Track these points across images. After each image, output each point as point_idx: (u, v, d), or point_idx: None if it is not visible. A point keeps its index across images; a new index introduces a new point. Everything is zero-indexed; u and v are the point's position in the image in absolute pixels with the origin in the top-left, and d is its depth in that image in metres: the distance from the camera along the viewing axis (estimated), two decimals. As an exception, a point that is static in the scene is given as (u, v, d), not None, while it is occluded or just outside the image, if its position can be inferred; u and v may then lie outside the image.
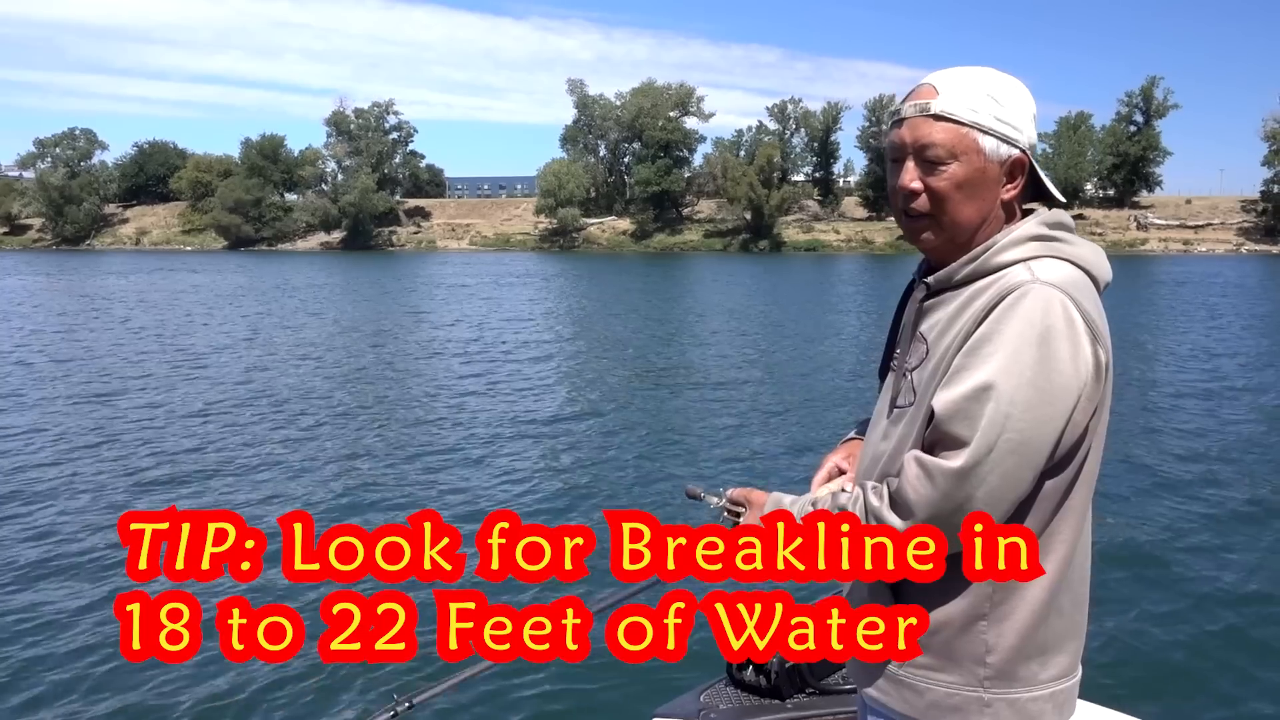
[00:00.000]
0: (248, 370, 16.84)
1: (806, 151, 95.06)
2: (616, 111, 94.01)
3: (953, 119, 1.61)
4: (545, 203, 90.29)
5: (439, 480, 9.46)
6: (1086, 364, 1.54)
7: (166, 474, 9.72)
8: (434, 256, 79.96)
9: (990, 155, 1.62)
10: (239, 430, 11.79)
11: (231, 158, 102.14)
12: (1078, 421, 1.56)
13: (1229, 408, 13.38)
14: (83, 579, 6.78)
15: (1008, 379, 1.50)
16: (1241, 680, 5.27)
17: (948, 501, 1.54)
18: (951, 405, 1.54)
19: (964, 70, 1.68)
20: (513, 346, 20.45)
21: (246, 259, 73.93)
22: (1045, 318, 1.52)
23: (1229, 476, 9.53)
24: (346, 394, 14.55)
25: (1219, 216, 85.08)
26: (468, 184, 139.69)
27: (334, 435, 11.56)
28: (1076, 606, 1.70)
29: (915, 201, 1.66)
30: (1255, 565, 6.98)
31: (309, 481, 9.43)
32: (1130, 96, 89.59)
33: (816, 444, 10.93)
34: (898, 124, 1.68)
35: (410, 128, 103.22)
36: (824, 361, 18.15)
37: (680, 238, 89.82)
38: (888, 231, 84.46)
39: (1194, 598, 6.36)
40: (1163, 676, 5.28)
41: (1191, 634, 5.80)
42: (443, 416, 12.71)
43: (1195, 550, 7.28)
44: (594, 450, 10.83)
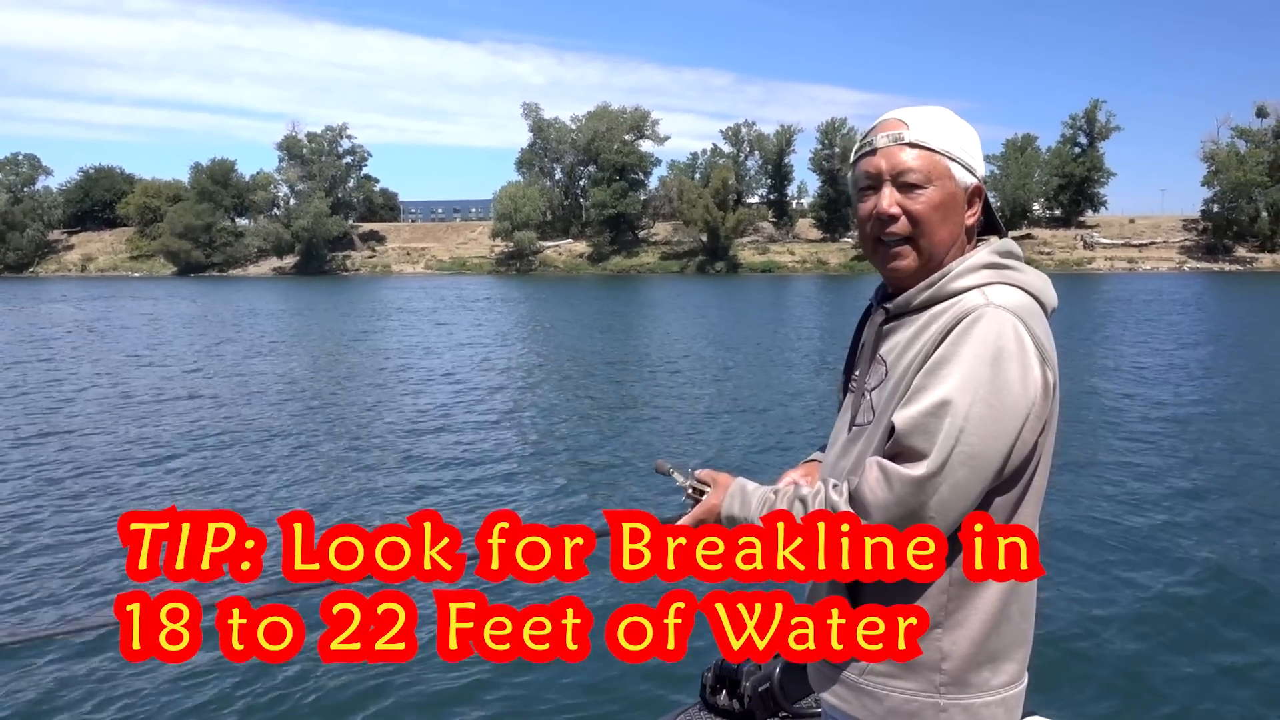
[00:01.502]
0: (221, 391, 16.72)
1: (761, 174, 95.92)
2: (572, 135, 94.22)
3: (927, 146, 1.71)
4: (501, 226, 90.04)
5: (397, 491, 9.45)
6: (1035, 384, 1.61)
7: (162, 478, 9.70)
8: (389, 281, 79.37)
9: (959, 181, 1.73)
10: (234, 438, 11.65)
11: (181, 182, 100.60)
12: (1026, 439, 1.63)
13: (1176, 418, 13.68)
14: (83, 579, 6.82)
15: (963, 396, 1.57)
16: (1182, 684, 5.38)
17: (901, 507, 1.59)
18: (911, 421, 1.61)
19: (923, 108, 1.78)
20: (474, 370, 20.42)
21: (198, 285, 73.01)
22: (998, 339, 1.59)
23: (1173, 484, 9.77)
24: (320, 412, 14.39)
25: (1162, 235, 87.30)
26: (422, 207, 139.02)
27: (312, 450, 11.45)
28: (1024, 615, 1.75)
29: (894, 225, 1.72)
30: (1198, 570, 7.14)
31: (302, 487, 9.49)
32: (1074, 119, 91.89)
33: (778, 462, 11.02)
34: (870, 154, 1.76)
35: (364, 151, 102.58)
36: (785, 379, 18.27)
37: (637, 260, 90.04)
38: (842, 252, 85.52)
39: (1135, 603, 6.50)
40: (1104, 683, 5.37)
41: (1128, 639, 5.92)
42: (409, 434, 12.63)
43: (1138, 555, 7.45)
44: (560, 468, 10.83)
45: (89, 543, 7.69)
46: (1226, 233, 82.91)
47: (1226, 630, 6.16)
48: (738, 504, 1.81)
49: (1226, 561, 7.39)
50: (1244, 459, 11.17)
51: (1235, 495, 9.45)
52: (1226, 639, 6.03)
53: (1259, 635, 6.06)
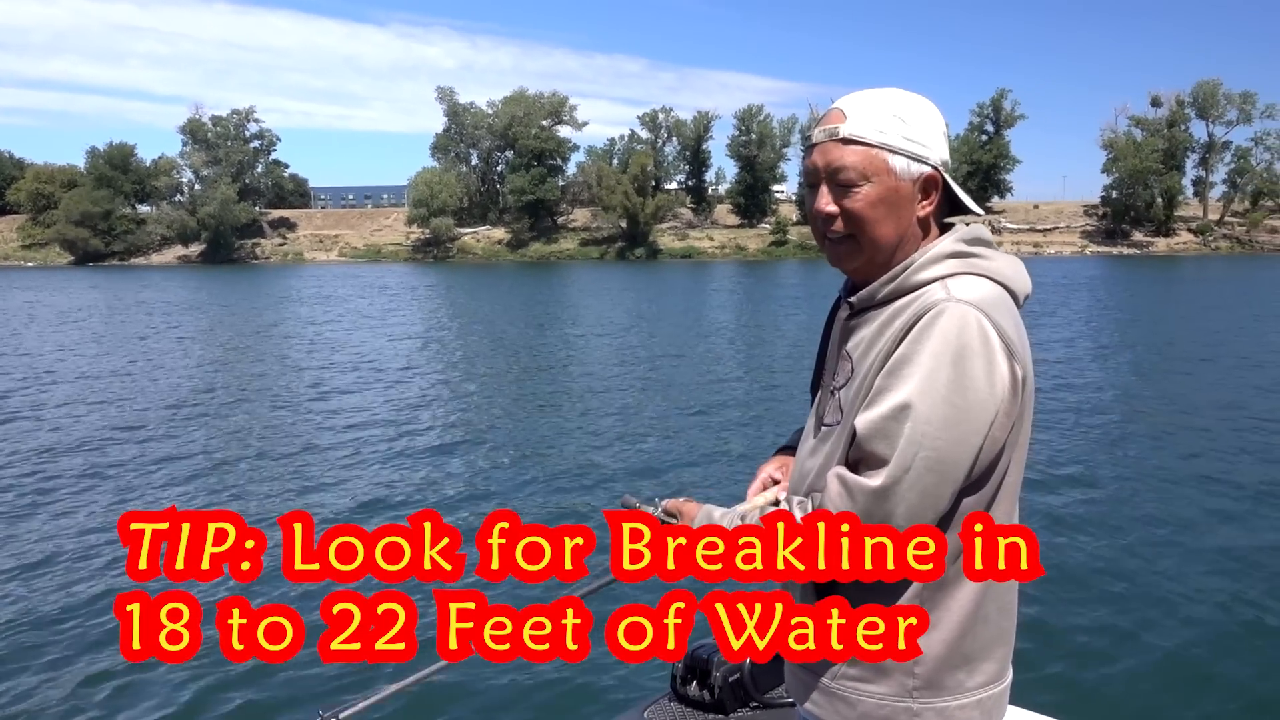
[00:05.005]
0: (197, 378, 16.03)
1: (679, 160, 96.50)
2: (489, 120, 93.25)
3: (861, 141, 1.64)
4: (417, 212, 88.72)
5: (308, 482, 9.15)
6: (1003, 381, 1.55)
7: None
8: (303, 269, 77.41)
9: (901, 174, 1.64)
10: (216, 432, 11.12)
11: (76, 167, 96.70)
12: (996, 437, 1.57)
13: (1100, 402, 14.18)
14: (83, 579, 6.73)
15: (924, 399, 1.52)
16: (1172, 683, 5.39)
17: (867, 519, 1.55)
18: (871, 425, 1.56)
19: (871, 93, 1.69)
20: (391, 362, 20.07)
21: (98, 274, 70.23)
22: (960, 336, 1.53)
23: (1128, 473, 10.09)
24: (254, 404, 13.92)
25: (1064, 221, 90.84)
26: (332, 194, 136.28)
27: (240, 440, 11.06)
28: (1003, 614, 1.72)
29: (834, 225, 1.67)
30: (1174, 564, 7.14)
31: (246, 485, 9.04)
32: (981, 107, 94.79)
33: (719, 447, 11.07)
34: (810, 150, 1.70)
35: (273, 136, 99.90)
36: (716, 364, 18.39)
37: (556, 246, 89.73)
38: (760, 238, 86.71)
39: (1118, 602, 6.45)
40: (1094, 681, 5.40)
41: (1120, 639, 5.91)
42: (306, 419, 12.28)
43: (1112, 553, 7.43)
44: (504, 465, 10.66)
45: (89, 542, 7.53)
46: (1125, 218, 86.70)
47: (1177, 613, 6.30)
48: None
49: (1195, 543, 7.58)
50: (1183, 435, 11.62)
51: (1212, 476, 9.67)
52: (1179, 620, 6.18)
53: (1222, 610, 6.20)
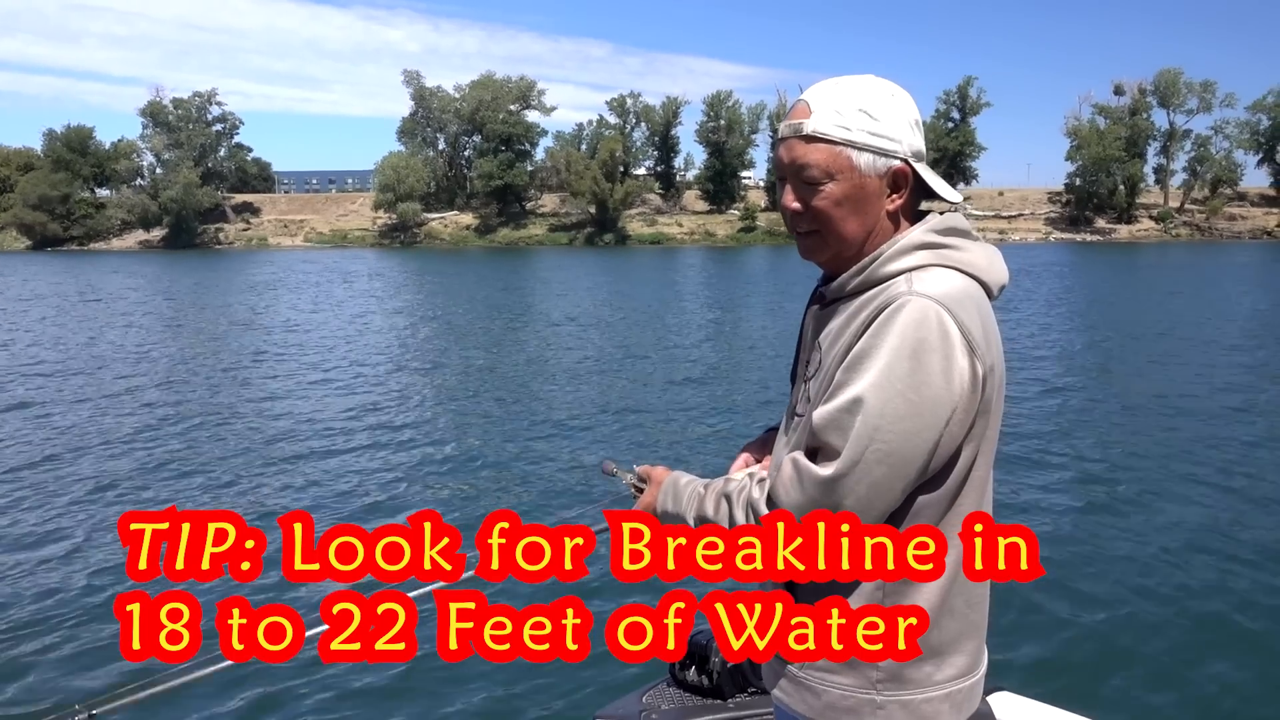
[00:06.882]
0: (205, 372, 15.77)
1: (648, 145, 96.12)
2: (456, 104, 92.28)
3: (825, 139, 1.62)
4: (384, 197, 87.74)
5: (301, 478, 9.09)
6: (961, 377, 1.54)
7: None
8: (267, 254, 76.22)
9: (867, 171, 1.63)
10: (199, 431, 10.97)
11: (33, 150, 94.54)
12: (953, 433, 1.57)
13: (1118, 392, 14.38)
14: (82, 579, 6.67)
15: (878, 393, 1.52)
16: (1162, 667, 5.42)
17: (814, 506, 1.56)
18: (825, 417, 1.57)
19: (839, 84, 1.66)
20: (376, 355, 19.94)
21: (56, 260, 68.79)
22: (918, 331, 1.52)
23: (1112, 454, 10.23)
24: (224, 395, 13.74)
25: (1029, 207, 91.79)
26: (295, 178, 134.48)
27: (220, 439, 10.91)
28: (972, 606, 1.71)
29: (799, 221, 1.69)
30: (1159, 550, 7.13)
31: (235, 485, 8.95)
32: (948, 95, 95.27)
33: (703, 431, 11.12)
34: (778, 144, 1.70)
35: (236, 119, 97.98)
36: (693, 353, 18.41)
37: (525, 232, 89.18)
38: (728, 224, 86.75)
39: (1106, 586, 6.48)
40: (1082, 666, 5.43)
41: (1109, 622, 5.95)
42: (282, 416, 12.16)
43: (1100, 542, 7.42)
44: (479, 445, 10.62)
45: (89, 542, 7.44)
46: (1088, 205, 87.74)
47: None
48: (670, 499, 1.83)
49: (1189, 526, 7.63)
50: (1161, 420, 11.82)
51: (1190, 454, 9.78)
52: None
53: (1211, 599, 6.23)
